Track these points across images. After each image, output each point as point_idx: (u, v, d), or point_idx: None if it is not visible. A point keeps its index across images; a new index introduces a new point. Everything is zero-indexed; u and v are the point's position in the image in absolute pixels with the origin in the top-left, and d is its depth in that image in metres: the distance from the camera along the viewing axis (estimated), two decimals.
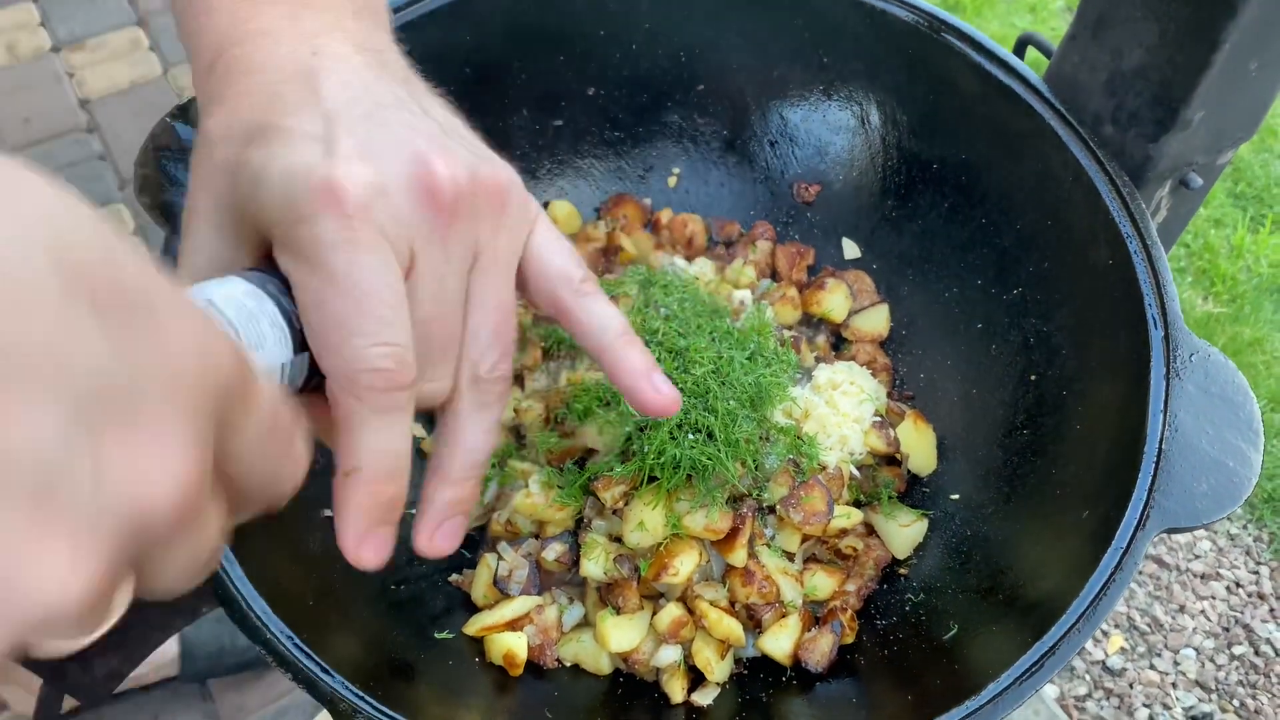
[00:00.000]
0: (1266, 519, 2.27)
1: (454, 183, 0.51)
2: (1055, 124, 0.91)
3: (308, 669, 0.69)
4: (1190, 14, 0.80)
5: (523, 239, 0.57)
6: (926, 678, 0.79)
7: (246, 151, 0.50)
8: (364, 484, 0.49)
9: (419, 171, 0.50)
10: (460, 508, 0.56)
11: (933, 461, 0.99)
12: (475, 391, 0.54)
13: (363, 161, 0.49)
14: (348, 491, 0.49)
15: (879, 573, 0.94)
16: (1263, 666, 2.06)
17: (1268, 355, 2.48)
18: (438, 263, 0.51)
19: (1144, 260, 0.84)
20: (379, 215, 0.48)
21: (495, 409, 0.55)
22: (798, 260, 1.09)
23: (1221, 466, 0.75)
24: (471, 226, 0.52)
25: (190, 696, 1.83)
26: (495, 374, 0.54)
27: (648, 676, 0.89)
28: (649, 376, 0.59)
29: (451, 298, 0.52)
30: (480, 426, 0.55)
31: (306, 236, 0.47)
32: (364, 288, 0.47)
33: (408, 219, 0.49)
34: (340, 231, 0.47)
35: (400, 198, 0.49)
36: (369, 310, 0.47)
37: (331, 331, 0.47)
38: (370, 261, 0.47)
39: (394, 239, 0.48)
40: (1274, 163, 2.91)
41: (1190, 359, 0.79)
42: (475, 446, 0.55)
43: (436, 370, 0.52)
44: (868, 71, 1.04)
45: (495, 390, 0.55)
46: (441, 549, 0.55)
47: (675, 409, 0.59)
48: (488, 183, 0.53)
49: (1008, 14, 3.28)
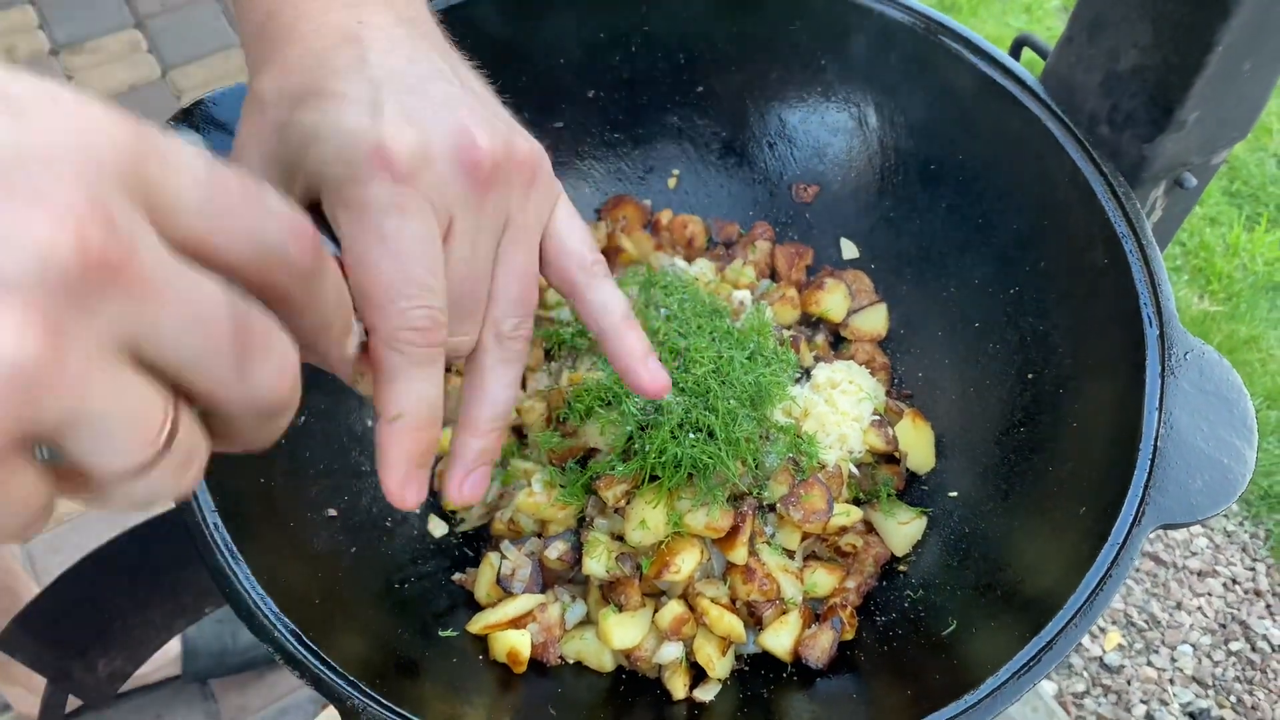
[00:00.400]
0: (1263, 516, 2.28)
1: (493, 154, 0.54)
2: (1051, 124, 0.92)
3: (315, 667, 0.70)
4: (1185, 15, 0.81)
5: (548, 212, 0.61)
6: (926, 673, 0.80)
7: (298, 112, 0.53)
8: (408, 429, 0.53)
9: (462, 143, 0.53)
10: (486, 457, 0.60)
11: (931, 459, 1.00)
12: (499, 348, 0.59)
13: (411, 128, 0.52)
14: (393, 438, 0.53)
15: (878, 570, 0.94)
16: (1259, 662, 2.07)
17: (1263, 353, 2.49)
18: (472, 228, 0.54)
19: (1139, 259, 0.85)
20: (424, 181, 0.51)
21: (517, 365, 0.60)
22: (796, 260, 1.10)
23: (1216, 463, 0.76)
24: (505, 196, 0.56)
25: (192, 696, 1.84)
26: (518, 332, 0.59)
27: (650, 673, 0.89)
28: (644, 360, 0.64)
29: (482, 262, 0.56)
30: (503, 380, 0.59)
31: (359, 197, 0.51)
32: (411, 252, 0.51)
33: (449, 186, 0.53)
34: (391, 196, 0.50)
35: (444, 166, 0.53)
36: (413, 274, 0.50)
37: (378, 290, 0.50)
38: (416, 227, 0.51)
39: (436, 204, 0.52)
40: (1269, 161, 2.92)
41: (1185, 357, 0.80)
42: (500, 399, 0.59)
43: (464, 325, 0.57)
44: (865, 73, 1.05)
45: (516, 348, 0.59)
46: (470, 497, 0.60)
47: (666, 392, 0.64)
48: (522, 156, 0.57)
49: (1003, 14, 3.29)
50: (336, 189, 0.52)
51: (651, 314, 0.94)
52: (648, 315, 0.94)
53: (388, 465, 0.53)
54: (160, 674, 1.80)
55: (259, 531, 0.78)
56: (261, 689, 1.86)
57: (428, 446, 0.54)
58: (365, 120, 0.51)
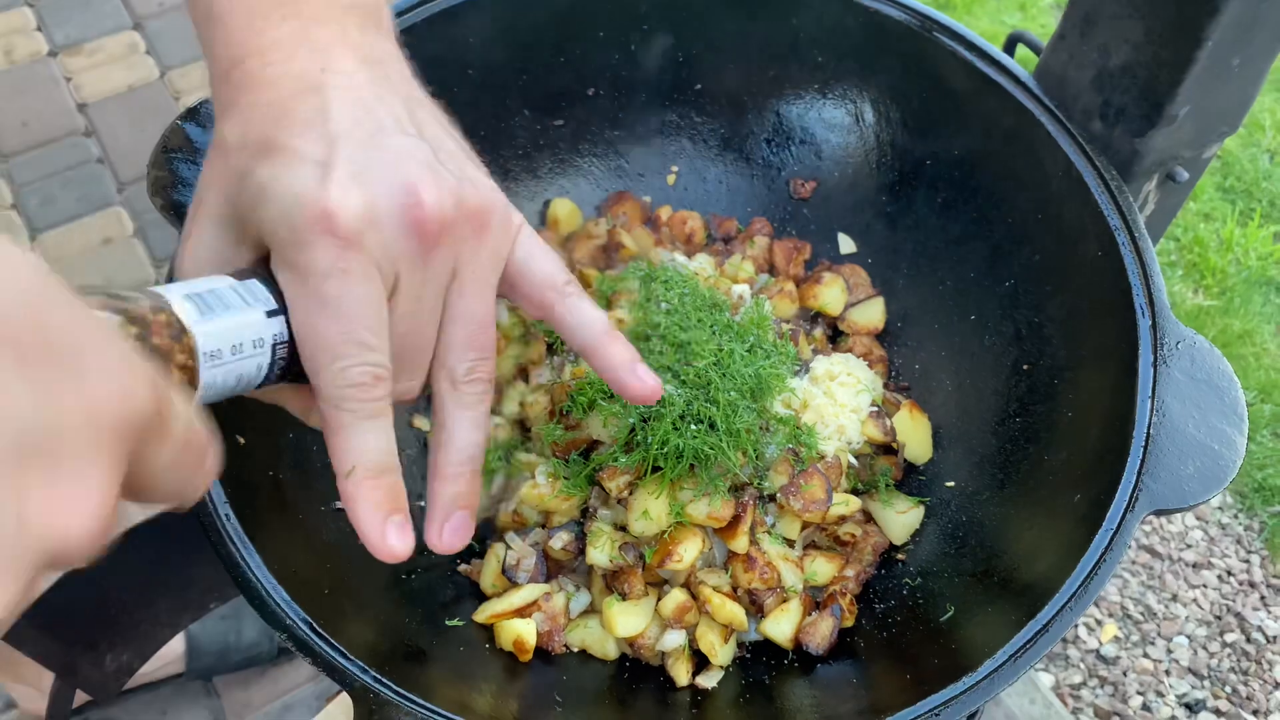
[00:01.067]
0: (1257, 508, 2.30)
1: (439, 212, 0.55)
2: (1045, 120, 0.93)
3: (326, 653, 0.71)
4: (1175, 12, 0.83)
5: (504, 256, 0.62)
6: (924, 658, 0.82)
7: (255, 164, 0.54)
8: (364, 479, 0.55)
9: (408, 203, 0.54)
10: (462, 501, 0.61)
11: (928, 450, 1.01)
12: (455, 394, 0.60)
13: (359, 189, 0.53)
14: (353, 490, 0.55)
15: (877, 558, 0.96)
16: (1254, 653, 2.09)
17: (1257, 347, 2.51)
18: (417, 284, 0.56)
19: (1132, 252, 0.86)
20: (369, 242, 0.53)
21: (477, 408, 0.61)
22: (795, 255, 1.11)
23: (1207, 450, 0.78)
24: (452, 250, 0.57)
25: (196, 693, 1.85)
26: (471, 377, 0.60)
27: (653, 661, 0.91)
28: (632, 368, 0.65)
29: (428, 315, 0.58)
30: (465, 424, 0.60)
31: (303, 261, 0.52)
32: (352, 314, 0.53)
33: (395, 246, 0.54)
34: (334, 261, 0.52)
35: (389, 226, 0.54)
36: (355, 335, 0.53)
37: (320, 353, 0.53)
38: (359, 291, 0.53)
39: (380, 264, 0.54)
40: (1262, 156, 2.94)
41: (1177, 346, 0.82)
42: (464, 443, 0.60)
43: (408, 376, 0.59)
44: (862, 70, 1.06)
45: (474, 391, 0.60)
46: (450, 545, 0.61)
47: (657, 396, 0.65)
48: (471, 207, 0.58)
49: (998, 11, 3.31)
50: (281, 250, 0.53)
51: (652, 308, 0.96)
52: (649, 310, 0.96)
53: (359, 520, 0.55)
54: (164, 671, 1.80)
55: (269, 523, 0.79)
56: (265, 685, 1.87)
57: (392, 494, 0.56)
58: (312, 184, 0.52)
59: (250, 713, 1.84)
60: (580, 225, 1.14)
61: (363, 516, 0.55)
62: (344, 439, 0.54)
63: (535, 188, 1.13)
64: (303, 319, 0.53)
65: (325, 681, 1.86)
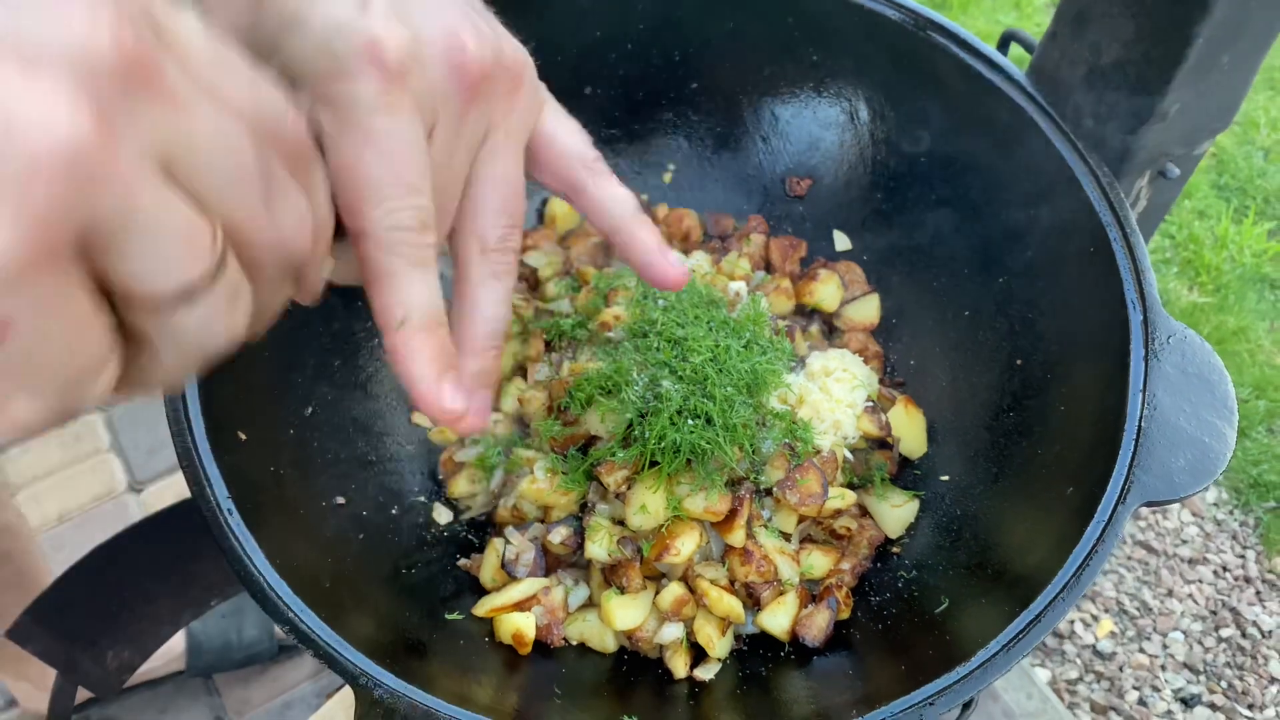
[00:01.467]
0: (1253, 504, 2.31)
1: (481, 60, 0.52)
2: (1038, 118, 0.94)
3: (328, 645, 0.72)
4: (1165, 11, 0.84)
5: (533, 120, 0.59)
6: (918, 649, 0.83)
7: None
8: (416, 330, 0.50)
9: (452, 44, 0.51)
10: (485, 379, 0.57)
11: (923, 444, 1.02)
12: (484, 261, 0.56)
13: (402, 25, 0.49)
14: (406, 343, 0.50)
15: (872, 551, 0.97)
16: (1249, 648, 2.11)
17: (1251, 343, 2.52)
18: (450, 137, 0.52)
19: (1123, 247, 0.87)
20: (412, 82, 0.49)
21: (507, 280, 0.57)
22: (790, 252, 1.12)
23: (1198, 442, 0.79)
24: (489, 103, 0.54)
25: (196, 691, 1.85)
26: (503, 245, 0.56)
27: (651, 653, 0.92)
28: (662, 251, 0.62)
29: (457, 170, 0.54)
30: (494, 296, 0.56)
31: (347, 94, 0.48)
32: (400, 155, 0.48)
33: (436, 90, 0.51)
34: (381, 94, 0.47)
35: (433, 68, 0.50)
36: (403, 177, 0.48)
37: (367, 193, 0.48)
38: (406, 131, 0.48)
39: (421, 107, 0.49)
40: (1256, 154, 2.95)
41: (1168, 341, 0.83)
42: (491, 315, 0.56)
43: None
44: (856, 69, 1.07)
45: (504, 261, 0.57)
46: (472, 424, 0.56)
47: (685, 282, 0.63)
48: (509, 62, 0.55)
49: (993, 9, 3.32)
50: (320, 83, 0.48)
51: (649, 305, 0.97)
52: (646, 307, 0.97)
53: (414, 376, 0.51)
54: (165, 669, 1.81)
55: (271, 519, 0.80)
56: (264, 683, 1.87)
57: (446, 350, 0.52)
58: (354, 12, 0.48)
59: (250, 710, 1.85)
60: (578, 223, 1.15)
61: (417, 373, 0.50)
62: (393, 287, 0.49)
63: (533, 186, 1.13)
64: (345, 158, 0.48)
65: (325, 679, 1.87)
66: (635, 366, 0.91)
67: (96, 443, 2.15)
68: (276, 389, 0.90)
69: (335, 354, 0.98)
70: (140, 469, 2.12)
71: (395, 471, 0.99)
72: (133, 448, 2.15)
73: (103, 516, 2.05)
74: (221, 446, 0.78)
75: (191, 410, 0.77)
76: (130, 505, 2.08)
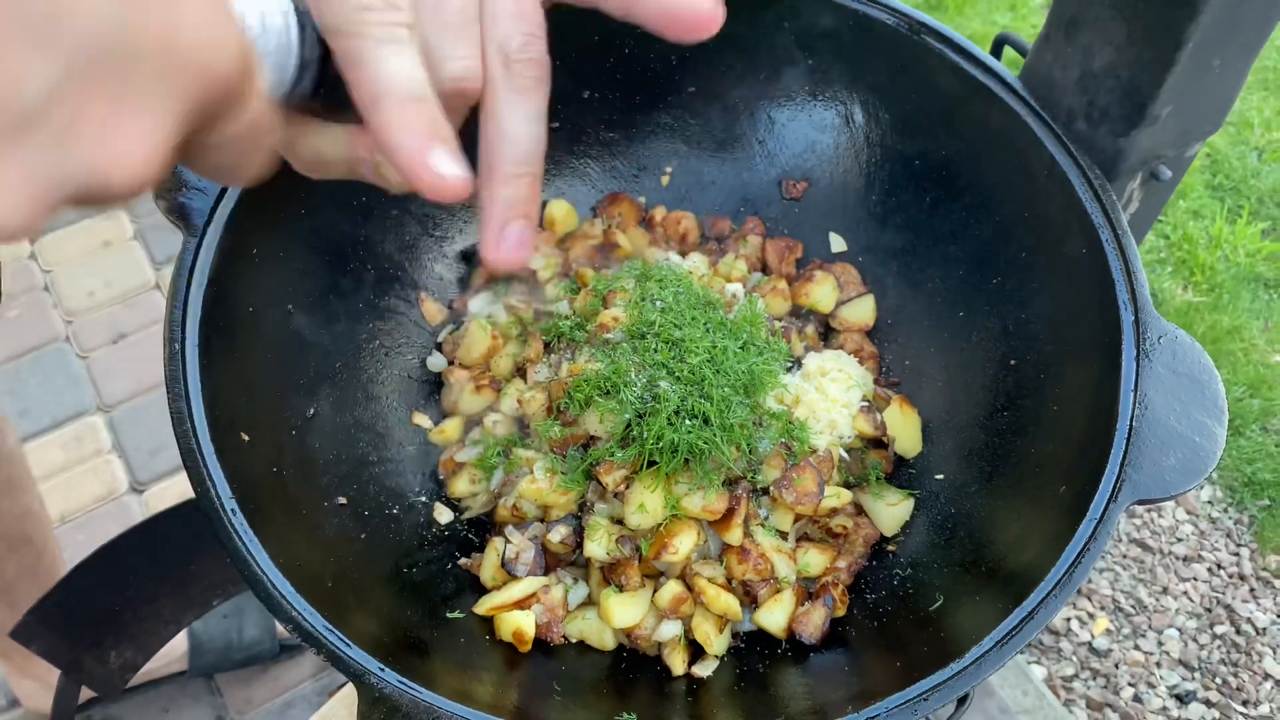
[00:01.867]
0: (1246, 502, 2.32)
1: None
2: (1030, 120, 0.95)
3: (331, 643, 0.73)
4: (1156, 14, 0.85)
5: None
6: (914, 645, 0.84)
7: None
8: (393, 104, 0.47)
9: None
10: (521, 209, 0.53)
11: (918, 444, 1.03)
12: (509, 74, 0.52)
13: None
14: (382, 118, 0.47)
15: (868, 549, 0.98)
16: (1244, 645, 2.12)
17: (1245, 343, 2.53)
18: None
19: (1115, 249, 0.88)
20: None
21: (536, 94, 0.53)
22: (787, 254, 1.13)
23: (1188, 441, 0.80)
24: None
25: (199, 690, 1.86)
26: (526, 55, 0.52)
27: (650, 651, 0.93)
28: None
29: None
30: (522, 114, 0.52)
31: None
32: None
33: None
34: None
35: None
36: None
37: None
38: None
39: None
40: (1250, 155, 2.96)
41: (1159, 341, 0.84)
42: (521, 135, 0.52)
43: (457, 47, 0.51)
44: (851, 73, 1.08)
45: (530, 74, 0.52)
46: (510, 257, 0.52)
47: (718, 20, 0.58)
48: None
49: (988, 11, 3.33)
50: None
51: (647, 306, 0.98)
52: (644, 308, 0.98)
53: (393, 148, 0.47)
54: (167, 669, 1.82)
55: (273, 518, 0.81)
56: (266, 683, 1.88)
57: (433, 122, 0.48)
58: None
59: (252, 709, 1.86)
60: (577, 226, 1.16)
61: (396, 142, 0.46)
62: (363, 70, 0.46)
63: None
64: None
65: (326, 678, 1.88)
66: (633, 367, 0.92)
67: (98, 444, 2.16)
68: (279, 391, 0.91)
69: (337, 356, 0.99)
70: (141, 470, 2.13)
71: (396, 472, 1.00)
72: (134, 449, 2.16)
73: (105, 517, 2.06)
74: (225, 448, 0.79)
75: (195, 412, 0.78)
76: (132, 506, 2.09)
